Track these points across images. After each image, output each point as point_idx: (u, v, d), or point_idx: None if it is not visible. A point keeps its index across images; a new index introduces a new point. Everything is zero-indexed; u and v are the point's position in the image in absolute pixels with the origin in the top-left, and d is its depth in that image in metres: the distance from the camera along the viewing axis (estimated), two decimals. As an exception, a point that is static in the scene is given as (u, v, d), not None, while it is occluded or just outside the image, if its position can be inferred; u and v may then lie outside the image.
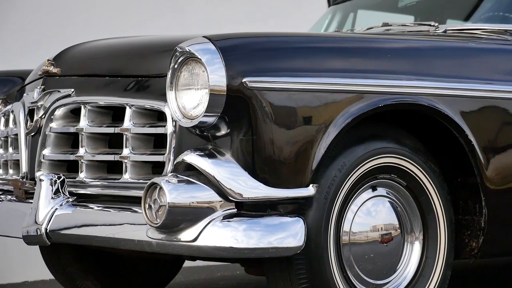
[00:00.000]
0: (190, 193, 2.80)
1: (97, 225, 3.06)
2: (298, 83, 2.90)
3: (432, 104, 3.10)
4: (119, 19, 5.21)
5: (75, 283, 3.81)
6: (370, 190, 3.12)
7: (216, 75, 2.82)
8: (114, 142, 3.19)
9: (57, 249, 3.74)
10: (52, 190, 3.13)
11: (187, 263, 4.33)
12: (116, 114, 3.19)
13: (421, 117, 3.18)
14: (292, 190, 2.86)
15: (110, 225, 3.02)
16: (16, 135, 3.44)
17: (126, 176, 3.06)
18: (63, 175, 3.17)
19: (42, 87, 3.36)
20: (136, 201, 2.94)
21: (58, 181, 3.13)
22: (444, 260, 3.19)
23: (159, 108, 3.01)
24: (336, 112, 2.94)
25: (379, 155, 3.06)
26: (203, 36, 2.89)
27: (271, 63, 2.91)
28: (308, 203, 2.90)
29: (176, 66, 2.91)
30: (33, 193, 3.17)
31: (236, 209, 2.83)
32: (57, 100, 3.29)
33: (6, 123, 3.60)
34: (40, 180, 3.14)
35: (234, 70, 2.84)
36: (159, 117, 3.05)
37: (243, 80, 2.84)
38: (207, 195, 2.81)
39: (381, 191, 3.14)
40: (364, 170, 3.04)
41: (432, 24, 3.71)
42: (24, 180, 3.33)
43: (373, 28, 3.95)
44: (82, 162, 3.19)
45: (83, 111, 3.21)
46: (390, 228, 3.12)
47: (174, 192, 2.77)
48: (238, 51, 2.90)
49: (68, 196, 3.14)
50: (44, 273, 4.30)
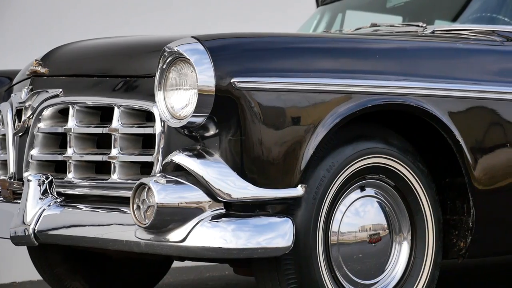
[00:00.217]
0: (179, 194, 2.79)
1: (85, 226, 3.05)
2: (287, 84, 2.90)
3: (420, 105, 3.11)
4: (107, 19, 5.19)
5: (63, 284, 3.80)
6: (359, 190, 3.12)
7: (205, 76, 2.82)
8: (103, 143, 3.19)
9: (45, 250, 3.73)
10: (40, 191, 3.12)
11: (176, 264, 4.33)
12: (105, 114, 3.18)
13: (410, 118, 3.19)
14: (281, 191, 2.86)
15: (99, 226, 3.01)
16: (4, 135, 3.42)
17: (115, 177, 3.05)
18: (51, 176, 3.16)
19: (30, 87, 3.35)
20: (125, 202, 2.93)
21: (46, 182, 3.13)
22: (432, 260, 3.20)
23: (148, 109, 3.00)
24: (325, 113, 2.94)
25: (368, 156, 3.07)
26: (192, 36, 2.89)
27: (260, 64, 2.91)
28: (297, 204, 2.91)
29: (165, 66, 2.90)
30: (21, 194, 3.16)
31: (225, 210, 2.83)
32: (45, 100, 3.28)
33: (-6, 123, 3.59)
34: (28, 181, 3.13)
35: (223, 71, 2.84)
36: (148, 118, 3.05)
37: (232, 81, 2.84)
38: (196, 196, 2.81)
39: (370, 191, 3.15)
40: (353, 171, 3.04)
41: (420, 25, 3.72)
42: (12, 181, 3.32)
43: (362, 29, 3.96)
44: (70, 163, 3.18)
45: (71, 111, 3.21)
46: (379, 228, 3.13)
47: (163, 193, 2.77)
48: (227, 51, 2.90)
49: (56, 197, 3.14)
50: (32, 274, 4.28)
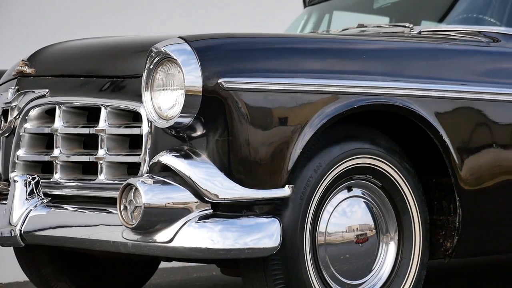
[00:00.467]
0: (166, 194, 2.79)
1: (72, 226, 3.04)
2: (274, 84, 2.91)
3: (407, 105, 3.12)
4: (95, 19, 5.18)
5: (50, 285, 3.79)
6: (346, 191, 3.13)
7: (192, 76, 2.82)
8: (90, 143, 3.18)
9: (32, 251, 3.71)
10: (27, 191, 3.11)
11: (163, 264, 4.32)
12: (91, 115, 3.17)
13: (396, 118, 3.19)
14: (268, 191, 2.86)
15: (85, 226, 3.00)
16: (-10, 136, 3.41)
17: (102, 177, 3.05)
18: (38, 176, 3.15)
19: (16, 88, 3.34)
20: (112, 202, 2.93)
21: (33, 182, 3.12)
22: (419, 260, 3.21)
23: (135, 109, 3.00)
24: (312, 113, 2.94)
25: (355, 156, 3.07)
26: (179, 37, 2.89)
27: (247, 64, 2.91)
28: (284, 204, 2.91)
29: (152, 67, 2.90)
30: (7, 194, 3.15)
31: (212, 210, 2.83)
32: (32, 101, 3.27)
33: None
34: (14, 181, 3.11)
35: (210, 71, 2.83)
36: (135, 118, 3.04)
37: (219, 81, 2.84)
38: (183, 196, 2.80)
39: (357, 192, 3.15)
40: (340, 171, 3.05)
41: (407, 26, 3.74)
42: (-2, 181, 3.30)
43: (349, 29, 3.96)
44: (57, 163, 3.17)
45: (58, 112, 3.20)
46: (366, 229, 3.14)
47: (150, 193, 2.76)
48: (214, 52, 2.90)
49: (43, 197, 3.13)
50: (18, 275, 4.26)
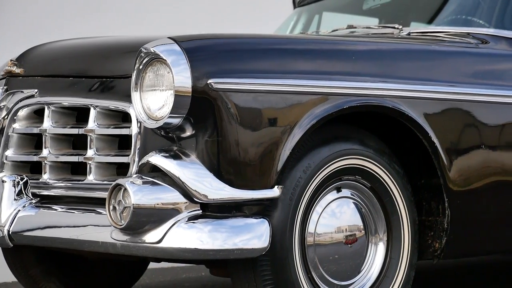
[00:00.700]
0: (155, 195, 2.79)
1: (61, 227, 3.04)
2: (264, 85, 2.91)
3: (396, 106, 3.13)
4: (83, 19, 5.17)
5: (38, 285, 3.78)
6: (335, 192, 3.13)
7: (181, 76, 2.82)
8: (78, 143, 3.17)
9: (20, 251, 3.70)
10: (15, 192, 3.10)
11: (152, 265, 4.31)
12: (80, 115, 3.17)
13: (386, 119, 3.20)
14: (257, 192, 2.87)
15: (74, 227, 3.00)
16: (-22, 136, 3.40)
17: (90, 177, 3.04)
18: (26, 176, 3.14)
19: (5, 88, 3.33)
20: (101, 203, 2.92)
21: (21, 182, 3.11)
22: (408, 261, 3.22)
23: (124, 109, 3.00)
24: (301, 114, 2.95)
25: (344, 157, 3.08)
26: (168, 37, 2.89)
27: (237, 65, 2.91)
28: (273, 205, 2.91)
29: (141, 67, 2.90)
30: (-4, 195, 3.14)
31: (201, 211, 2.83)
32: (20, 101, 3.26)
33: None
34: (3, 182, 3.11)
35: (200, 71, 2.83)
36: (124, 118, 3.04)
37: (209, 82, 2.83)
38: (172, 197, 2.80)
39: (346, 192, 3.16)
40: (329, 172, 3.05)
41: (396, 27, 3.74)
42: (-13, 182, 3.29)
43: (338, 30, 3.97)
44: (46, 163, 3.17)
45: (47, 112, 3.19)
46: (355, 229, 3.14)
47: (139, 194, 2.76)
48: (204, 52, 2.89)
49: (31, 198, 3.12)
50: (7, 276, 4.25)
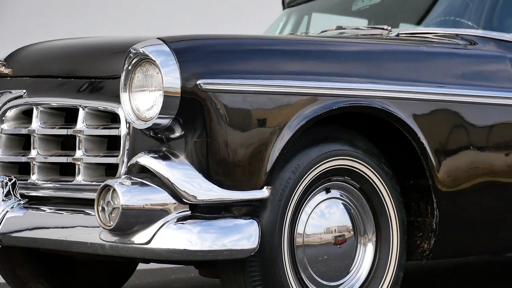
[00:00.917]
0: (144, 195, 2.78)
1: (49, 228, 3.03)
2: (253, 85, 2.91)
3: (385, 107, 3.13)
4: (71, 19, 5.16)
5: (27, 286, 3.76)
6: (324, 192, 3.14)
7: (170, 77, 2.82)
8: (67, 144, 3.16)
9: (8, 252, 3.69)
10: (3, 193, 3.09)
11: (141, 266, 4.30)
12: (69, 116, 3.16)
13: (375, 120, 3.21)
14: (246, 192, 2.86)
15: (63, 228, 2.99)
16: (-33, 137, 3.38)
17: (79, 178, 3.04)
18: (15, 177, 3.13)
19: (-7, 88, 3.32)
20: (89, 203, 2.92)
21: (9, 183, 3.10)
22: (397, 262, 3.22)
23: (113, 110, 2.99)
24: (290, 115, 2.95)
25: (333, 158, 3.08)
26: (157, 38, 2.88)
27: (226, 65, 2.91)
28: (262, 205, 2.91)
29: (130, 68, 2.89)
30: (-16, 196, 3.13)
31: (190, 211, 2.83)
32: (9, 101, 3.25)
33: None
34: (-9, 182, 3.09)
35: (189, 72, 2.83)
36: (113, 119, 3.03)
37: (198, 82, 2.83)
38: (161, 197, 2.80)
39: (335, 193, 3.16)
40: (318, 172, 3.05)
41: (385, 28, 3.75)
42: (-25, 182, 3.28)
43: (327, 31, 3.97)
44: (34, 164, 3.16)
45: (35, 113, 3.18)
46: (344, 230, 3.15)
47: (128, 194, 2.75)
48: (193, 53, 2.89)
49: (20, 199, 3.11)
50: (-5, 277, 4.23)
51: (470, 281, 4.65)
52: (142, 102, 2.88)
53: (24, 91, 3.24)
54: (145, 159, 2.85)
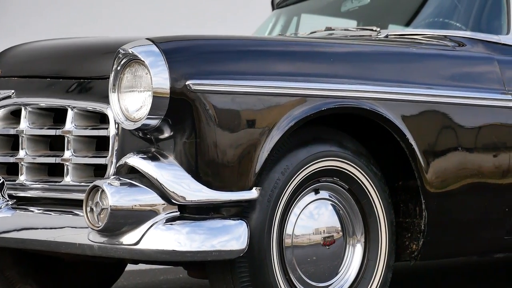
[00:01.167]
0: (133, 196, 2.78)
1: (38, 229, 3.02)
2: (242, 86, 2.91)
3: (374, 108, 3.14)
4: (60, 20, 5.15)
5: (15, 287, 3.75)
6: (313, 193, 3.14)
7: (160, 78, 2.81)
8: (56, 144, 3.16)
9: (-4, 253, 3.68)
10: (-9, 193, 3.08)
11: (130, 267, 4.30)
12: (58, 116, 3.15)
13: (364, 121, 3.21)
14: (235, 193, 2.86)
15: (51, 229, 2.98)
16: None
17: (68, 179, 3.03)
18: (3, 178, 3.12)
19: (-18, 88, 3.31)
20: (78, 204, 2.91)
21: (-2, 184, 3.09)
22: (385, 263, 3.23)
23: (102, 110, 2.98)
24: (280, 116, 2.95)
25: (322, 159, 3.08)
26: (146, 38, 2.88)
27: (215, 66, 2.91)
28: (251, 206, 2.91)
29: (119, 68, 2.89)
30: (-28, 196, 3.12)
31: (179, 212, 2.83)
32: (-3, 102, 3.24)
33: None
34: (-21, 183, 3.08)
35: (178, 73, 2.83)
36: (102, 119, 3.03)
37: (187, 83, 2.83)
38: (150, 198, 2.79)
39: (324, 194, 3.16)
40: (307, 173, 3.06)
41: (374, 29, 3.76)
42: (-37, 183, 3.27)
43: (316, 32, 3.98)
44: (23, 165, 3.15)
45: (24, 113, 3.17)
46: (332, 231, 3.15)
47: (116, 195, 2.75)
48: (182, 54, 2.89)
49: (8, 199, 3.10)
50: (-17, 278, 4.21)
51: (459, 282, 4.67)
52: (131, 103, 2.88)
53: (13, 91, 3.23)
54: (134, 160, 2.84)
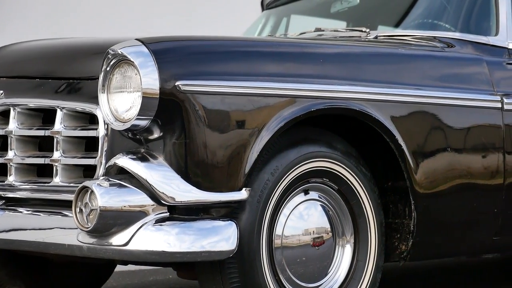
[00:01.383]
0: (122, 197, 2.78)
1: (26, 230, 3.01)
2: (231, 87, 2.91)
3: (363, 109, 3.14)
4: (51, 20, 5.14)
5: (4, 289, 3.74)
6: (303, 194, 3.14)
7: (149, 78, 2.81)
8: (45, 145, 3.15)
9: (-15, 254, 3.67)
10: (-20, 194, 3.07)
11: (119, 267, 4.29)
12: (47, 117, 3.14)
13: (353, 122, 3.22)
14: (225, 194, 2.86)
15: (40, 229, 2.97)
16: None
17: (57, 180, 3.02)
18: (-9, 179, 3.11)
19: (-30, 89, 3.29)
20: (67, 205, 2.90)
21: (-14, 185, 3.08)
22: (375, 263, 3.23)
23: (91, 111, 2.98)
24: (269, 116, 2.95)
25: (311, 159, 3.09)
26: (136, 39, 2.87)
27: (205, 67, 2.91)
28: (241, 207, 2.91)
29: (109, 69, 2.88)
30: (-40, 197, 3.11)
31: (169, 213, 2.82)
32: (-14, 102, 3.23)
33: None
34: (-33, 184, 3.07)
35: (167, 73, 2.83)
36: (91, 120, 3.02)
37: (176, 84, 2.83)
38: (139, 199, 2.79)
39: (313, 195, 3.17)
40: (297, 174, 3.06)
41: (364, 30, 3.76)
42: (-49, 184, 3.25)
43: (306, 33, 3.98)
44: (11, 165, 3.14)
45: (13, 113, 3.16)
46: (322, 232, 3.15)
47: (106, 196, 2.75)
48: (171, 54, 2.89)
49: (-3, 200, 3.09)
50: (-29, 279, 4.19)
51: (448, 282, 4.68)
52: (121, 103, 2.87)
53: (1, 92, 3.22)
54: (124, 161, 2.84)
